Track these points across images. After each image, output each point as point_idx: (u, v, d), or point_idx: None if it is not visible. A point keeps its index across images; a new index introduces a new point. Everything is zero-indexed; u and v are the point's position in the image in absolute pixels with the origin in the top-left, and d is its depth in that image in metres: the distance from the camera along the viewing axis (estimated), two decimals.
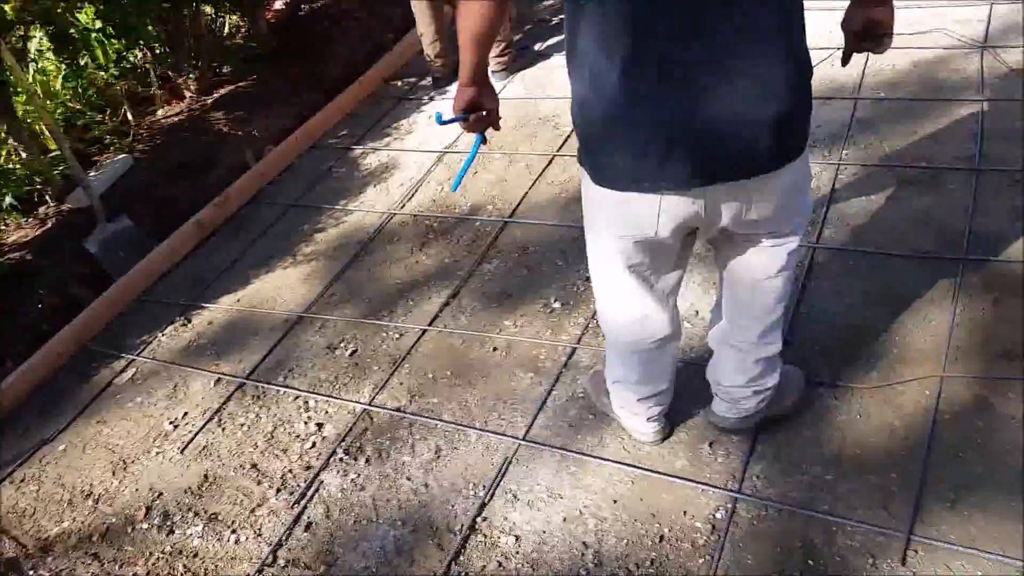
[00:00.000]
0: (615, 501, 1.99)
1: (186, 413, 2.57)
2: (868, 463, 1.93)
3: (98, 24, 3.60)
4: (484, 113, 1.73)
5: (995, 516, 1.75)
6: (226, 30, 4.50)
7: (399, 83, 4.38)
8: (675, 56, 1.34)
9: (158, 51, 4.03)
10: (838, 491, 1.88)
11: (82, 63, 3.77)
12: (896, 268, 2.42)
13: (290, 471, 2.29)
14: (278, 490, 2.24)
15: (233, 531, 2.16)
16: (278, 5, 4.78)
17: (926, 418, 1.98)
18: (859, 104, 3.17)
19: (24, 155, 3.40)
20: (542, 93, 3.88)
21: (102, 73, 3.87)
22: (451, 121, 1.75)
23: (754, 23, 1.33)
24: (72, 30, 3.55)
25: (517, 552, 1.93)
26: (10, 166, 3.40)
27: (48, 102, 3.65)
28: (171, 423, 2.54)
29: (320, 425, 2.41)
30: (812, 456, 1.97)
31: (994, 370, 2.05)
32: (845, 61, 1.68)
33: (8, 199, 3.23)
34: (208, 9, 4.28)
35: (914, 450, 1.92)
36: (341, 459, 2.28)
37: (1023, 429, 1.90)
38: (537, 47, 4.27)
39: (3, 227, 3.33)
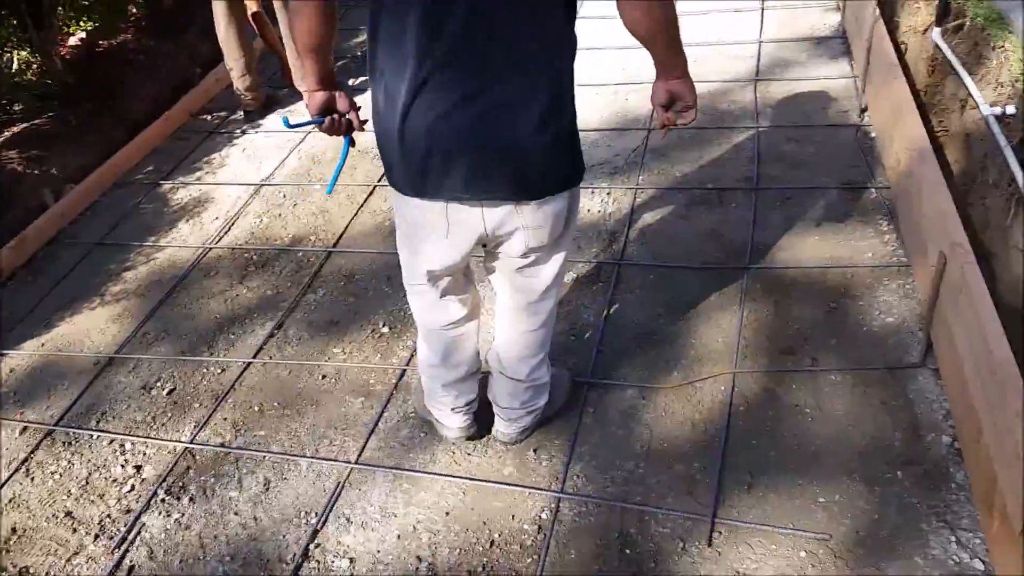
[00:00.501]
0: (447, 513, 2.05)
1: None
2: (674, 455, 2.11)
3: None
4: (340, 116, 1.78)
5: (785, 494, 1.97)
6: (15, 66, 4.19)
7: (208, 117, 4.27)
8: (448, 79, 1.50)
9: None
10: (649, 483, 2.05)
11: None
12: (690, 278, 2.67)
13: (108, 516, 2.16)
14: (96, 536, 2.11)
15: None
16: (74, 41, 4.52)
17: (722, 411, 2.20)
18: (652, 134, 3.48)
19: None
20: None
21: None
22: (300, 125, 1.77)
23: (518, 66, 1.51)
24: None
25: (351, 574, 1.94)
26: None
27: None
28: None
29: (139, 467, 2.30)
30: (625, 453, 2.13)
31: (778, 364, 2.32)
32: (664, 134, 1.85)
33: None
34: None
35: (713, 440, 2.13)
36: (163, 500, 2.18)
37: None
38: (351, 82, 4.32)
39: None
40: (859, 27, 3.64)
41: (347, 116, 1.78)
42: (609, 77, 3.94)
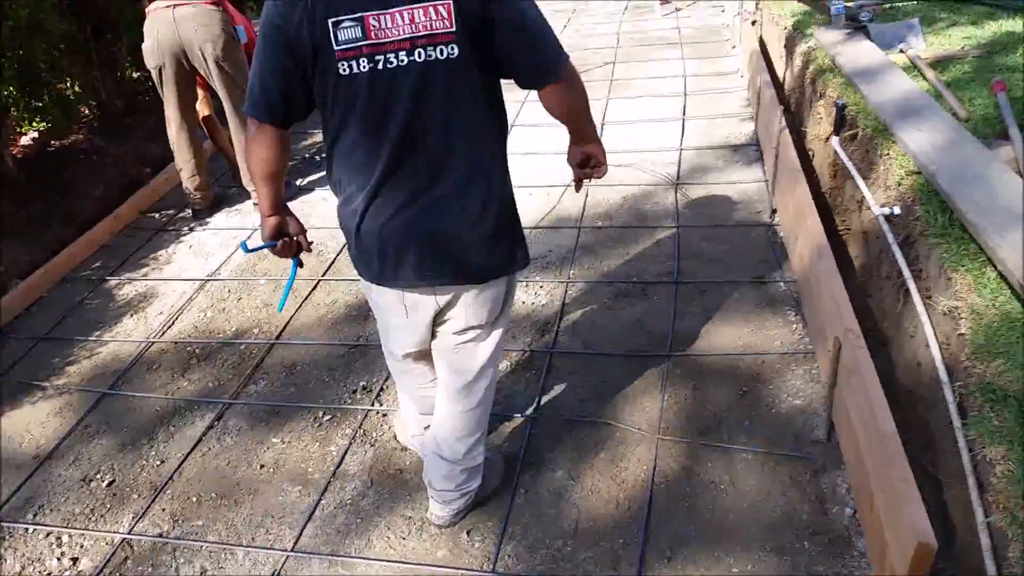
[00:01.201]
0: None
1: None
2: (600, 532, 2.22)
3: None
4: (290, 239, 1.97)
5: (703, 566, 2.08)
6: None
7: (157, 215, 4.40)
8: (393, 185, 1.73)
9: None
10: (577, 559, 2.15)
11: None
12: (617, 365, 2.84)
13: None
14: None
15: None
16: (26, 140, 4.65)
17: (645, 489, 2.33)
18: (582, 231, 3.72)
19: None
20: (305, 223, 4.04)
21: None
22: (257, 249, 1.97)
23: (451, 166, 1.73)
24: None
25: None
26: None
27: None
28: None
29: (75, 560, 2.31)
30: (554, 532, 2.24)
31: (696, 444, 2.47)
32: (577, 188, 2.09)
33: None
34: None
35: (636, 516, 2.25)
36: None
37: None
38: (299, 182, 4.51)
39: None
40: (769, 136, 3.99)
41: (296, 238, 1.98)
42: (543, 179, 4.21)
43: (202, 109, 4.30)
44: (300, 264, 2.06)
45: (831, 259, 2.68)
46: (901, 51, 4.16)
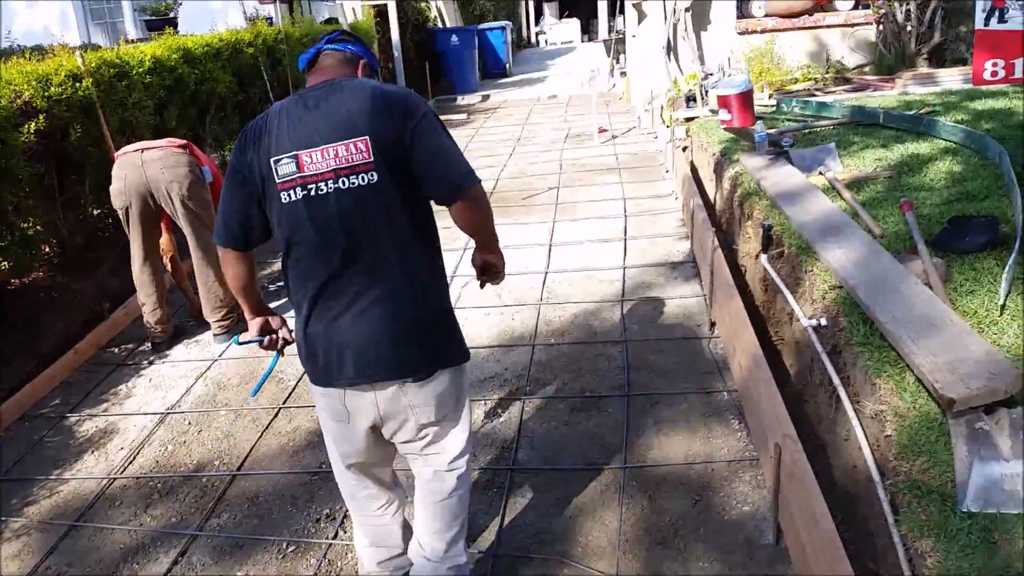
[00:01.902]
0: None
1: None
2: None
3: None
4: (275, 333, 2.23)
5: None
6: None
7: (117, 349, 4.45)
8: (332, 292, 1.98)
9: None
10: None
11: None
12: (575, 479, 2.95)
13: None
14: None
15: None
16: None
17: None
18: (536, 349, 3.89)
19: None
20: (265, 351, 4.17)
21: None
22: (248, 343, 2.21)
23: (382, 273, 1.97)
24: None
25: None
26: None
27: None
28: None
29: None
30: None
31: (654, 555, 2.57)
32: (481, 286, 2.38)
33: None
34: None
35: None
36: None
37: None
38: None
39: None
40: (704, 254, 4.28)
41: (279, 332, 2.24)
42: (497, 300, 4.40)
43: (166, 247, 4.46)
44: (282, 354, 2.28)
45: (767, 369, 2.88)
46: (820, 173, 4.55)
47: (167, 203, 4.04)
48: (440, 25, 14.62)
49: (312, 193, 1.91)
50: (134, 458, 3.41)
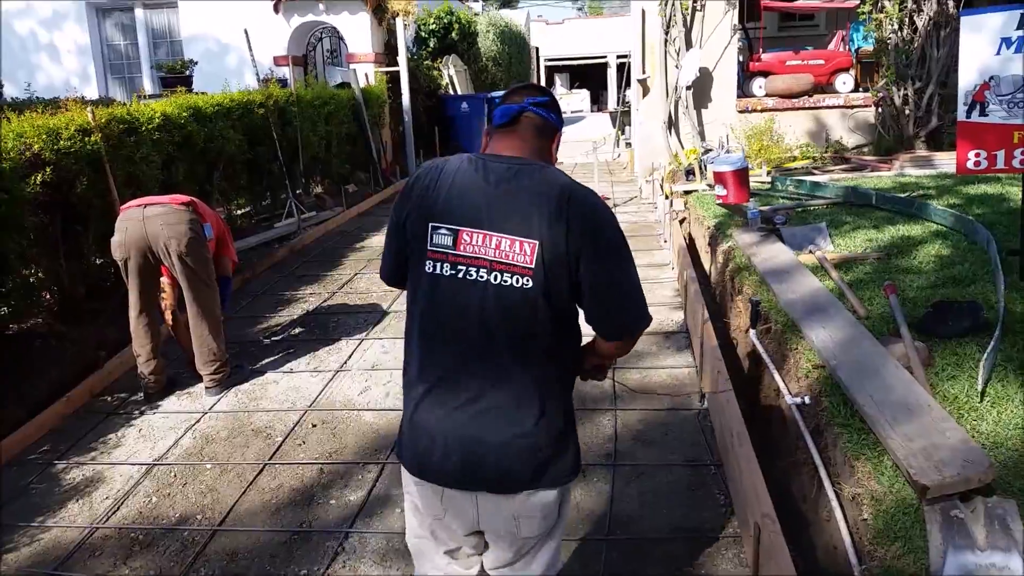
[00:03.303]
0: None
1: None
2: None
3: None
4: None
5: None
6: None
7: (109, 398, 4.47)
8: (452, 384, 1.81)
9: None
10: None
11: None
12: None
13: None
14: None
15: None
16: None
17: None
18: None
19: None
20: (255, 406, 4.22)
21: None
22: None
23: (508, 378, 1.79)
24: None
25: None
26: None
27: None
28: None
29: None
30: None
31: None
32: (583, 379, 2.12)
33: None
34: None
35: None
36: None
37: None
38: (251, 365, 4.66)
39: None
40: (696, 325, 4.33)
41: None
42: None
43: (165, 299, 4.53)
44: None
45: (749, 446, 2.90)
46: (810, 252, 4.64)
47: (166, 257, 4.13)
48: (451, 92, 14.98)
49: (460, 275, 1.77)
50: (118, 508, 3.40)
